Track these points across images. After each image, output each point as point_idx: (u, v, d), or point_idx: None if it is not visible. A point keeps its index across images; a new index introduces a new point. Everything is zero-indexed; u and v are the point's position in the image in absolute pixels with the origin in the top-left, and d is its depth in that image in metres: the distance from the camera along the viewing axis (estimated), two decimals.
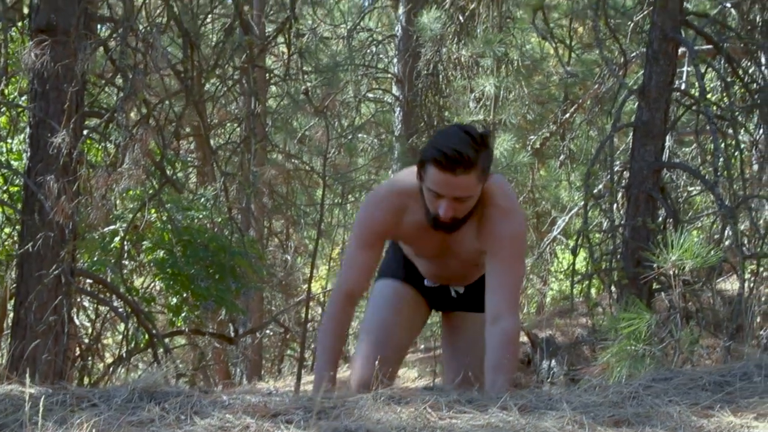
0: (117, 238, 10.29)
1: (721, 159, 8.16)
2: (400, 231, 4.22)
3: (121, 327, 11.21)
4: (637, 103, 8.52)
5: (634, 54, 11.19)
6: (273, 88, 15.77)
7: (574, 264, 8.62)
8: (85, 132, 8.86)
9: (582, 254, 9.96)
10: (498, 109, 11.77)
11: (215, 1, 11.51)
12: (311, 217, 17.01)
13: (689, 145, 12.35)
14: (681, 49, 8.86)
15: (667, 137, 8.96)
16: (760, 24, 10.25)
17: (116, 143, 8.27)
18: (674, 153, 10.84)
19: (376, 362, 4.12)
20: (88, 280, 10.29)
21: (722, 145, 8.40)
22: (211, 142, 12.81)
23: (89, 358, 10.63)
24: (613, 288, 8.52)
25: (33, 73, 8.21)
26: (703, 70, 9.09)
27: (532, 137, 13.22)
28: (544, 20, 10.74)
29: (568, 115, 13.51)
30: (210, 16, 12.39)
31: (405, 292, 4.58)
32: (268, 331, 18.69)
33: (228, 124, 15.72)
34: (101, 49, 9.18)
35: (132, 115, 9.27)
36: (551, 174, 13.30)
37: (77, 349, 10.55)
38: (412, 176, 4.09)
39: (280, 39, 11.82)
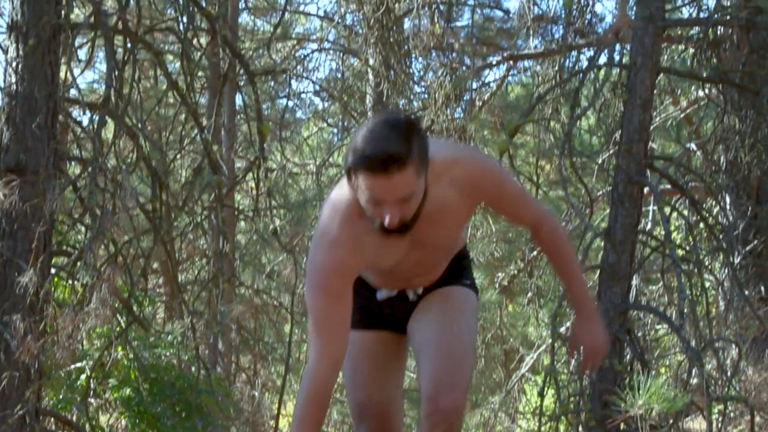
0: (83, 376, 10.21)
1: (687, 301, 8.22)
2: (365, 258, 3.61)
3: None
4: (603, 244, 8.58)
5: (600, 192, 11.30)
6: (242, 224, 15.83)
7: (541, 405, 8.61)
8: (53, 271, 8.85)
9: (550, 392, 9.93)
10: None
11: (185, 138, 11.57)
12: (279, 352, 16.94)
13: (656, 282, 12.42)
14: (647, 188, 8.97)
15: (634, 277, 9.02)
16: (723, 165, 10.40)
17: (83, 283, 8.26)
18: (641, 291, 10.90)
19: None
20: (53, 420, 10.18)
21: (688, 287, 8.46)
22: (180, 277, 12.82)
23: None
24: (580, 429, 8.50)
25: (1, 212, 8.22)
26: (668, 213, 9.19)
27: (500, 275, 13.29)
28: (510, 160, 10.86)
29: (535, 252, 13.58)
30: (179, 151, 12.45)
31: (366, 339, 3.97)
32: None
33: (197, 259, 15.73)
34: (70, 187, 9.21)
35: (100, 251, 9.27)
36: (519, 311, 13.34)
37: None
38: (346, 198, 3.57)
39: (250, 176, 11.90)
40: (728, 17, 8.84)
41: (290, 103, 16.23)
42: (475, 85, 12.66)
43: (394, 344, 4.03)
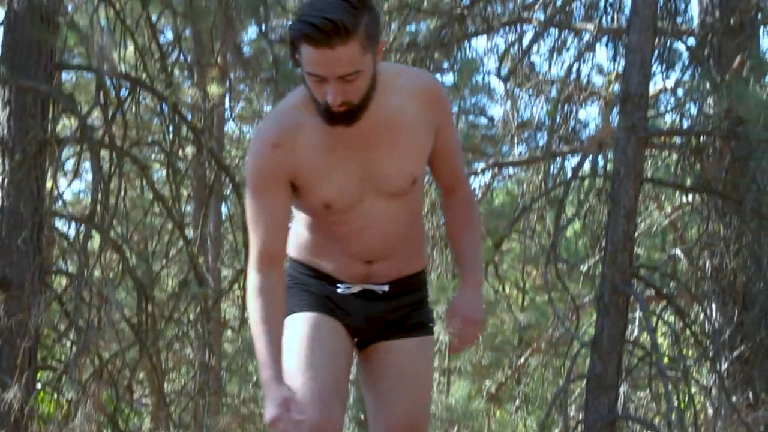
0: None
1: (674, 411, 8.20)
2: (301, 166, 3.31)
3: None
4: (589, 354, 8.57)
5: (586, 299, 11.31)
6: (229, 332, 15.76)
7: None
8: (38, 386, 8.81)
9: None
10: (452, 356, 11.81)
11: (171, 248, 11.57)
12: None
13: (644, 388, 12.38)
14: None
15: (621, 385, 9.00)
16: (709, 271, 10.42)
17: (68, 399, 8.23)
18: (629, 398, 10.85)
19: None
20: None
21: (675, 395, 8.44)
22: (166, 387, 12.73)
23: None
24: None
25: None
26: (654, 322, 9.20)
27: (487, 382, 13.24)
28: (495, 270, 10.88)
29: (522, 359, 13.56)
30: (165, 261, 12.44)
31: (319, 318, 3.50)
32: None
33: (183, 369, 15.63)
34: (56, 301, 9.20)
35: (86, 365, 9.23)
36: (507, 419, 13.28)
37: None
38: (296, 92, 3.38)
39: (236, 285, 11.88)
40: (710, 127, 8.91)
41: None
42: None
43: (348, 342, 3.57)
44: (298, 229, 3.55)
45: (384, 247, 3.48)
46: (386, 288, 3.53)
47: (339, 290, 3.53)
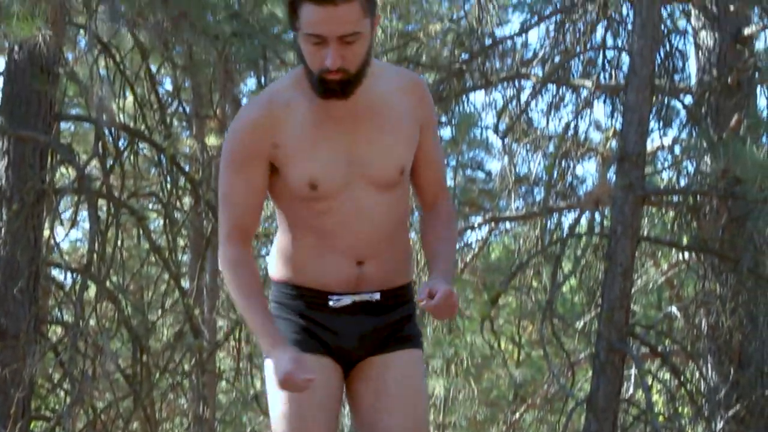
0: None
1: None
2: (286, 142, 3.27)
3: None
4: (585, 412, 8.55)
5: (581, 355, 11.29)
6: (223, 383, 15.72)
7: None
8: None
9: None
10: (448, 411, 11.78)
11: (167, 298, 11.57)
12: None
13: None
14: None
15: None
16: (705, 329, 10.41)
17: None
18: None
19: None
20: None
21: None
22: None
23: None
24: None
25: None
26: (649, 381, 9.19)
27: None
28: (491, 325, 10.86)
29: (518, 415, 13.51)
30: (161, 311, 12.43)
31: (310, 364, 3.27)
32: None
33: (177, 419, 15.58)
34: (51, 352, 9.19)
35: (80, 416, 9.21)
36: None
37: None
38: (285, 76, 3.38)
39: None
40: (707, 186, 8.94)
41: None
42: (457, 246, 12.71)
43: (338, 379, 3.43)
44: (283, 240, 3.43)
45: (373, 242, 3.37)
46: (378, 296, 3.40)
47: (330, 303, 3.38)
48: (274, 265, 3.45)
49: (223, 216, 3.33)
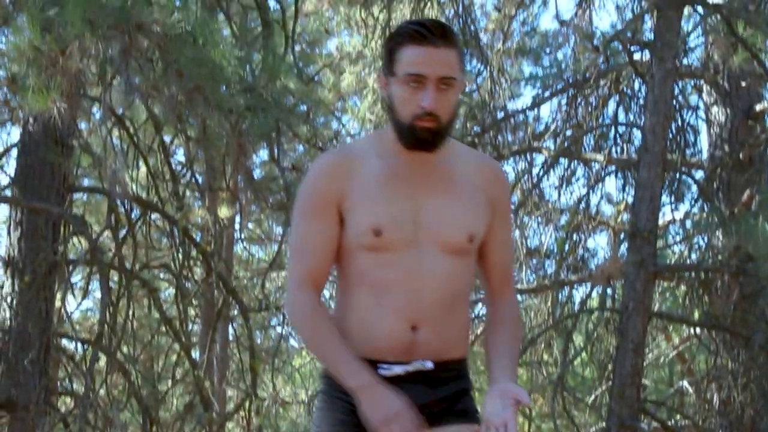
0: None
1: None
2: (355, 189, 3.26)
3: None
4: None
5: (592, 429, 11.23)
6: None
7: None
8: None
9: None
10: None
11: (177, 368, 11.56)
12: None
13: None
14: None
15: None
16: (716, 404, 10.36)
17: None
18: None
19: None
20: None
21: None
22: None
23: None
24: None
25: None
26: None
27: None
28: None
29: None
30: (171, 382, 12.41)
31: None
32: None
33: None
34: (60, 423, 9.16)
35: None
36: None
37: None
38: (363, 137, 3.38)
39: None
40: (719, 263, 8.94)
41: (283, 331, 16.25)
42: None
43: None
44: (338, 302, 3.39)
45: (431, 306, 3.27)
46: (431, 365, 3.28)
47: (381, 371, 3.26)
48: None
49: (295, 264, 3.32)
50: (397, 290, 3.26)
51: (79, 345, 9.65)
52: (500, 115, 11.08)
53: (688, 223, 10.84)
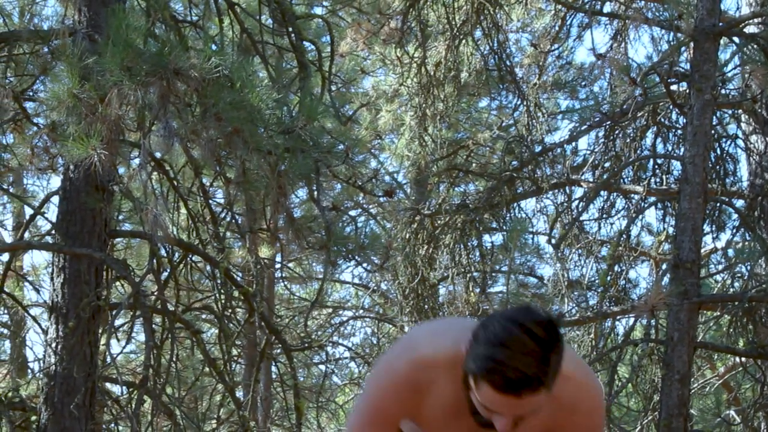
0: None
1: None
2: (419, 417, 3.07)
3: None
4: None
5: None
6: None
7: None
8: None
9: None
10: None
11: (221, 410, 11.58)
12: None
13: None
14: None
15: None
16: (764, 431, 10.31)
17: None
18: None
19: None
20: None
21: None
22: None
23: None
24: None
25: None
26: None
27: None
28: None
29: None
30: (215, 422, 12.45)
31: None
32: None
33: None
34: None
35: None
36: None
37: None
38: (438, 340, 3.04)
39: None
40: (762, 291, 8.89)
41: (326, 369, 16.27)
42: None
43: None
44: None
45: None
46: None
47: None
48: None
49: None
50: None
51: (124, 388, 9.69)
52: (538, 149, 11.08)
53: (730, 252, 10.79)
